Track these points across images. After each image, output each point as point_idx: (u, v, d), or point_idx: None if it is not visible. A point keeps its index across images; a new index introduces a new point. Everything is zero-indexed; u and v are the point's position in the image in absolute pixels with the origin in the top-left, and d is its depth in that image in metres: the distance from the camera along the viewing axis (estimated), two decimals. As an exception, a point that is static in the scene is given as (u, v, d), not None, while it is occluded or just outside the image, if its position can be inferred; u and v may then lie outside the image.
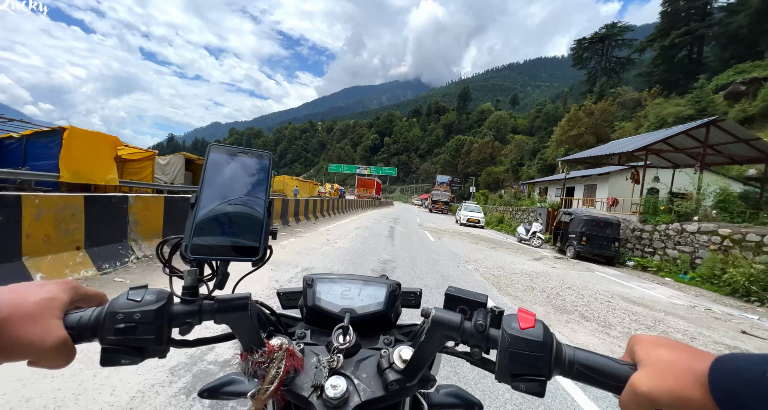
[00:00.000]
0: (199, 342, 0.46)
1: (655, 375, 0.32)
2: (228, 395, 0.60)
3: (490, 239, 14.16)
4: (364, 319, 0.54)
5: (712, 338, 4.29)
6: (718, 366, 0.29)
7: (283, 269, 5.06)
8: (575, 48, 60.76)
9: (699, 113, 26.14)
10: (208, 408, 1.86)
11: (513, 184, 46.88)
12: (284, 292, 0.65)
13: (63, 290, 0.39)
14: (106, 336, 0.37)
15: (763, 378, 0.26)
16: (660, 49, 41.87)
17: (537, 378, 0.37)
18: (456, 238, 12.79)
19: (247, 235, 0.44)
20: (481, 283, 5.77)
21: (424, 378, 0.46)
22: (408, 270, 5.90)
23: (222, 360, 2.37)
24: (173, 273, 0.45)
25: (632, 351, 0.37)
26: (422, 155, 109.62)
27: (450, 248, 9.75)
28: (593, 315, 4.57)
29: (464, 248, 9.98)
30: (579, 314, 4.56)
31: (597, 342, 3.56)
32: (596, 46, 58.07)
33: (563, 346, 0.39)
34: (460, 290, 0.47)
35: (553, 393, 2.45)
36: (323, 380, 0.43)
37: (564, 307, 4.82)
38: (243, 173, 0.47)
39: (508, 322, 0.40)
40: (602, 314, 4.71)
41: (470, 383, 2.41)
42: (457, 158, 74.29)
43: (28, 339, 0.33)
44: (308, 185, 29.83)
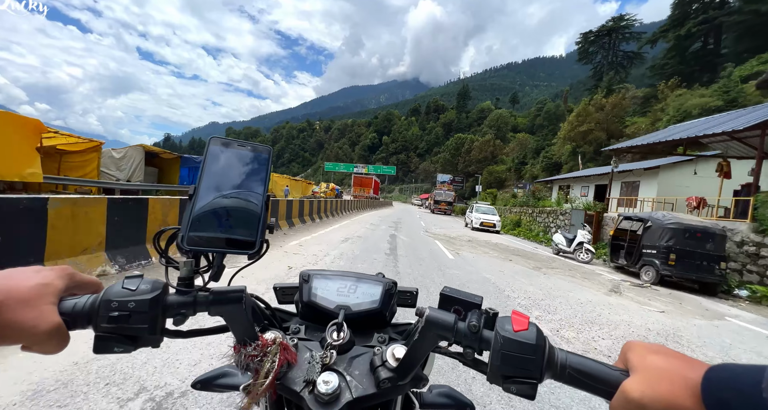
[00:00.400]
0: (193, 333, 0.46)
1: (648, 381, 0.32)
2: (221, 387, 0.59)
3: (520, 251, 11.13)
4: (359, 316, 0.53)
5: None
6: (712, 375, 0.29)
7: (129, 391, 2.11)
8: (581, 42, 58.53)
9: (728, 104, 23.94)
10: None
11: (517, 183, 44.66)
12: (281, 287, 0.64)
13: (58, 276, 0.39)
14: (100, 324, 0.38)
15: (757, 389, 0.25)
16: (675, 39, 39.61)
17: (528, 381, 0.37)
18: (478, 251, 9.89)
19: (244, 228, 0.44)
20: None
21: (417, 377, 0.46)
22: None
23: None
24: (169, 264, 0.45)
25: (626, 357, 0.36)
26: (421, 154, 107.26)
27: (480, 271, 6.74)
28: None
29: (500, 272, 6.92)
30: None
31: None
32: (603, 40, 55.92)
33: (556, 350, 0.39)
34: (455, 290, 0.46)
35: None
36: (315, 375, 0.43)
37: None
38: (242, 167, 0.46)
39: (501, 324, 0.40)
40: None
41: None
42: (457, 157, 71.95)
43: (21, 324, 0.33)
44: (301, 184, 27.40)
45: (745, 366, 0.28)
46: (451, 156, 74.48)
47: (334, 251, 7.10)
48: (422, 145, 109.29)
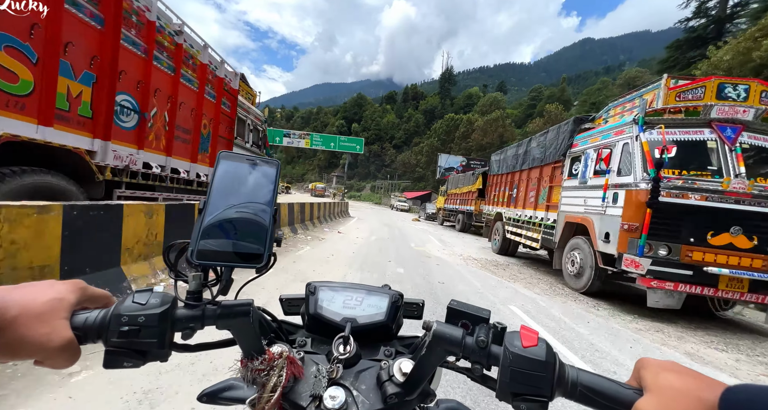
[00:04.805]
0: (201, 347, 0.47)
1: (662, 402, 0.31)
2: (227, 400, 0.58)
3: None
4: (366, 329, 0.53)
5: None
6: (729, 396, 0.28)
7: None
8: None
9: None
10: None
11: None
12: (287, 298, 0.63)
13: (71, 290, 0.39)
14: (110, 339, 0.37)
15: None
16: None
17: (539, 399, 0.36)
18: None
19: (253, 242, 0.44)
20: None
21: (424, 393, 0.45)
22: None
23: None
24: (178, 277, 0.45)
25: (639, 375, 0.35)
26: (398, 146, 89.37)
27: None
28: None
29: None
30: None
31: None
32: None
33: (566, 367, 0.38)
34: (462, 304, 0.45)
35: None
36: (322, 390, 0.43)
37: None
38: (251, 181, 0.47)
39: (510, 339, 0.39)
40: None
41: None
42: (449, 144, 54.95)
43: (35, 339, 0.33)
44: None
45: (763, 387, 0.27)
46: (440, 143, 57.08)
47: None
48: (399, 134, 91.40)
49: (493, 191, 11.79)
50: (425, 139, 69.26)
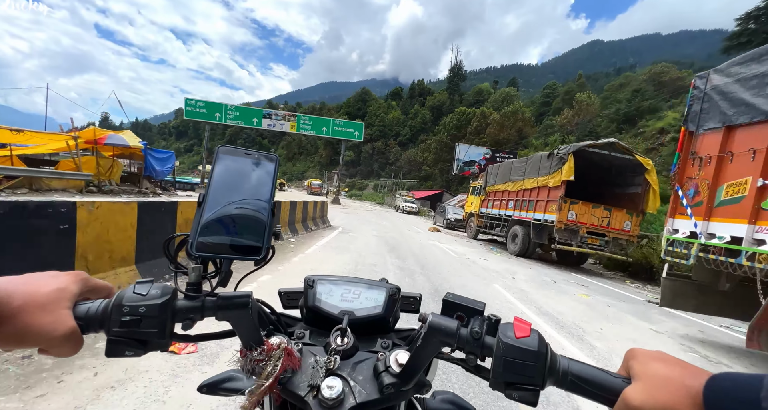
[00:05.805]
0: (201, 338, 0.48)
1: (649, 389, 0.32)
2: (226, 391, 0.60)
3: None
4: (363, 322, 0.54)
5: None
6: (713, 384, 0.29)
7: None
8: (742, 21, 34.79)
9: None
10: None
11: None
12: (285, 292, 0.65)
13: (73, 281, 0.40)
14: (112, 328, 0.39)
15: (757, 398, 0.26)
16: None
17: (530, 387, 0.37)
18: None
19: (251, 235, 0.45)
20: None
21: (420, 383, 0.47)
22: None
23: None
24: (178, 270, 0.45)
25: (628, 364, 0.36)
26: (404, 143, 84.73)
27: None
28: None
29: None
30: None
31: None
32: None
33: (557, 356, 0.39)
34: (458, 296, 0.46)
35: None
36: (320, 380, 0.44)
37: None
38: (249, 175, 0.48)
39: (503, 330, 0.40)
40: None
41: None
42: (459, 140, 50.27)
43: (40, 328, 0.35)
44: None
45: (746, 375, 0.28)
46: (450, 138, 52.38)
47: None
48: (405, 131, 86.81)
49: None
50: (433, 135, 64.57)
